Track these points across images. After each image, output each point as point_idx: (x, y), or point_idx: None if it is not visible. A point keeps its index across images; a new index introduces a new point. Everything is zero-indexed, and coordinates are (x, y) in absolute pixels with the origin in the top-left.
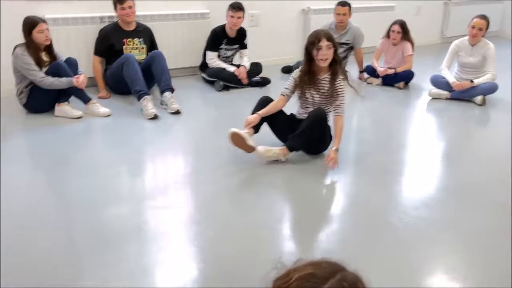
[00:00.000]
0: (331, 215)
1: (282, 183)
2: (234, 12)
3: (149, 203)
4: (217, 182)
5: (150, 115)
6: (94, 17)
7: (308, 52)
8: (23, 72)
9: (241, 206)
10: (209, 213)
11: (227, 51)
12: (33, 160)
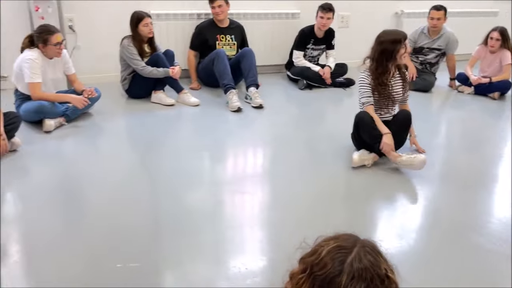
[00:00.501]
0: (411, 229)
1: (361, 187)
2: (324, 13)
3: (227, 187)
4: (292, 174)
5: (234, 107)
6: (192, 13)
7: (389, 52)
8: (127, 61)
9: (319, 201)
10: (284, 202)
11: (313, 51)
12: (129, 139)
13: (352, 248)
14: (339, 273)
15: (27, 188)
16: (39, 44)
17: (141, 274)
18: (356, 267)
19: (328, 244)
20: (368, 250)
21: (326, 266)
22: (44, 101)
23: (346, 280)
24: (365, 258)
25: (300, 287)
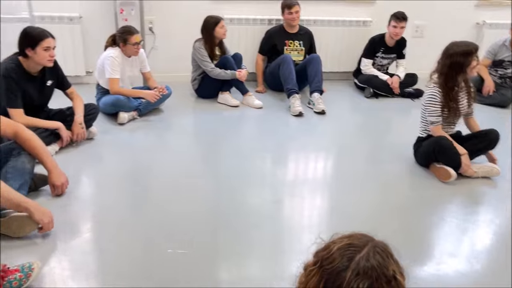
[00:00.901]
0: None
1: (426, 199)
2: (397, 22)
3: (284, 189)
4: (350, 182)
5: (295, 112)
6: (263, 19)
7: (460, 65)
8: (198, 62)
9: (379, 211)
10: (342, 209)
11: (382, 60)
12: (194, 135)
13: (362, 247)
14: (345, 268)
15: (99, 172)
16: (120, 43)
17: (188, 261)
18: (363, 265)
19: (341, 241)
20: (378, 251)
21: (335, 261)
22: (120, 95)
23: (351, 276)
24: (373, 258)
25: (311, 279)
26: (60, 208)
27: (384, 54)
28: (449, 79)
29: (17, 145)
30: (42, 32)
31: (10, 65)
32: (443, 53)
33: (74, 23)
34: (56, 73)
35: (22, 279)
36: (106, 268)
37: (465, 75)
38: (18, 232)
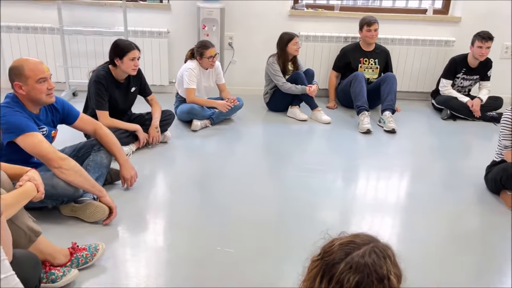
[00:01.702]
0: None
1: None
2: (483, 42)
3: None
4: (418, 206)
5: (363, 129)
6: (340, 36)
7: None
8: (271, 77)
9: (449, 240)
10: (405, 233)
11: (464, 81)
12: (261, 145)
13: (362, 246)
14: (340, 261)
15: (169, 173)
16: (197, 57)
17: (235, 259)
18: (357, 260)
19: (344, 238)
20: (376, 251)
21: (334, 253)
22: (195, 104)
23: (344, 268)
24: (368, 256)
25: (312, 270)
26: (128, 201)
27: (465, 75)
28: None
29: (98, 142)
30: (129, 44)
31: (101, 72)
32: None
33: (162, 37)
34: (139, 81)
35: (88, 257)
36: (160, 258)
37: None
38: (91, 217)
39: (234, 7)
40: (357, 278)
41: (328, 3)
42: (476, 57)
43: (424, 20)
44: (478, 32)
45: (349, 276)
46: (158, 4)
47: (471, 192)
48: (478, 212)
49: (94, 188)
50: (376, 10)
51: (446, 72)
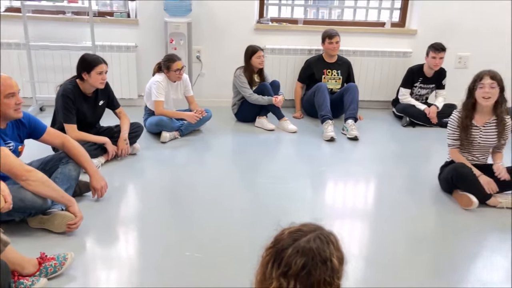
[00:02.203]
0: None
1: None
2: (436, 53)
3: (321, 218)
4: (378, 208)
5: (327, 137)
6: (304, 49)
7: (470, 90)
8: (238, 88)
9: (410, 241)
10: (367, 234)
11: (421, 90)
12: (230, 155)
13: (308, 233)
14: (288, 247)
15: (139, 184)
16: (164, 70)
17: (204, 264)
18: (303, 245)
19: (293, 227)
20: (321, 237)
21: (283, 241)
22: (164, 116)
23: (291, 252)
24: (314, 242)
25: (266, 257)
26: (98, 212)
27: (422, 84)
28: (467, 106)
29: (66, 155)
30: (96, 58)
31: (68, 86)
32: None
33: (130, 51)
34: (107, 94)
35: (57, 267)
36: (130, 266)
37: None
38: (60, 227)
39: (201, 21)
40: (303, 261)
41: (292, 17)
42: (431, 67)
43: (382, 33)
44: (432, 44)
45: (296, 259)
46: (125, 19)
47: (428, 193)
48: (434, 212)
49: (63, 198)
50: (337, 23)
51: (404, 82)
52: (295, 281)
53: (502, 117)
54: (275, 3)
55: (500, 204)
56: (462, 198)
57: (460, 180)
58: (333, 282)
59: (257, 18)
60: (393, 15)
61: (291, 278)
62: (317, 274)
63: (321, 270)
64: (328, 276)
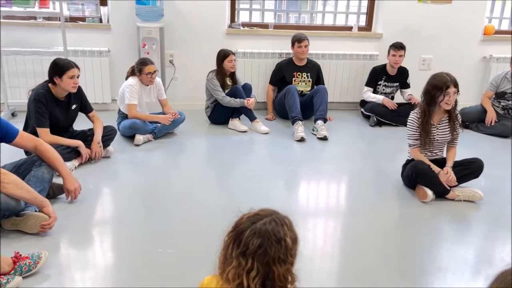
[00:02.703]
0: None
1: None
2: (395, 51)
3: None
4: (344, 204)
5: (298, 137)
6: (275, 52)
7: (431, 96)
8: (211, 91)
9: (375, 234)
10: (334, 227)
11: (385, 88)
12: (203, 156)
13: (265, 217)
14: (246, 229)
15: (112, 186)
16: (137, 74)
17: (175, 260)
18: (259, 228)
19: (251, 213)
20: (276, 220)
21: (242, 224)
22: (137, 119)
23: (249, 234)
24: (269, 224)
25: (227, 240)
26: (72, 213)
27: (386, 82)
28: (426, 107)
29: (39, 158)
30: (68, 62)
31: (40, 90)
32: (428, 80)
33: (103, 56)
34: (80, 98)
35: (31, 265)
36: (103, 264)
37: (435, 107)
38: (33, 228)
39: (173, 26)
40: (259, 241)
41: (262, 22)
42: (392, 64)
43: (350, 36)
44: (392, 43)
45: (253, 240)
46: (98, 24)
47: (392, 189)
48: (398, 205)
49: (37, 199)
50: (307, 28)
51: (368, 80)
52: (253, 259)
53: (454, 114)
54: (246, 8)
55: (458, 198)
56: (420, 191)
57: (420, 177)
58: (287, 259)
59: (229, 22)
60: (360, 19)
61: (249, 256)
62: (272, 252)
63: (276, 249)
64: (282, 254)
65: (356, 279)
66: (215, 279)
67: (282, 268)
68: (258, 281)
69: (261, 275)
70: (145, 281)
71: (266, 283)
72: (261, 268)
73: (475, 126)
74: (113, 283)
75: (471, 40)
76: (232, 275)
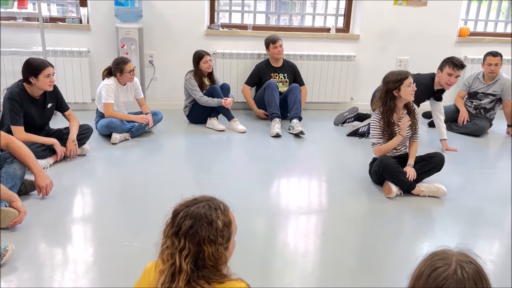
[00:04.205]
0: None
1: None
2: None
3: (268, 211)
4: (314, 199)
5: (273, 133)
6: (253, 53)
7: (391, 92)
8: (189, 91)
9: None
10: (304, 218)
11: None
12: (181, 155)
13: (200, 202)
14: (180, 211)
15: (87, 183)
16: (117, 73)
17: (141, 252)
18: (192, 210)
19: (190, 198)
20: (210, 204)
21: (178, 210)
22: (114, 118)
23: (182, 215)
24: (202, 208)
25: (167, 225)
26: (43, 209)
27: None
28: (385, 104)
29: (11, 155)
30: (42, 62)
31: (15, 89)
32: (382, 81)
33: (83, 57)
34: (56, 97)
35: None
36: (70, 256)
37: (399, 100)
38: (2, 222)
39: (153, 27)
40: (191, 223)
41: (242, 23)
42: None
43: (328, 38)
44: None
45: (186, 221)
46: (77, 25)
47: (360, 185)
48: (365, 201)
49: (5, 194)
50: (285, 29)
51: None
52: (185, 239)
53: (411, 108)
54: (226, 9)
55: (422, 193)
56: (385, 187)
57: (385, 172)
58: (217, 240)
59: (208, 23)
60: (338, 21)
61: (181, 236)
62: (202, 233)
63: (206, 230)
64: (212, 235)
65: (322, 276)
66: (155, 263)
67: (212, 248)
68: (190, 259)
69: (193, 254)
70: (109, 273)
71: (198, 263)
72: (192, 248)
73: (448, 125)
74: (79, 276)
75: (446, 41)
76: (167, 255)
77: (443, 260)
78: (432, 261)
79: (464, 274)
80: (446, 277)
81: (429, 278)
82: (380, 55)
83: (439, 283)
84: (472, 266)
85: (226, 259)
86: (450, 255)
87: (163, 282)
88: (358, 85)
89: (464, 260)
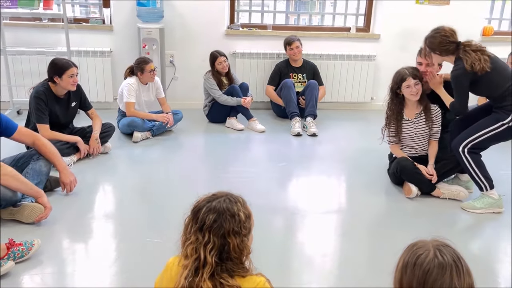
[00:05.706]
0: None
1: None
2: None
3: (288, 209)
4: (346, 204)
5: (294, 132)
6: (273, 53)
7: (394, 91)
8: (208, 91)
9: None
10: (324, 218)
11: None
12: (200, 153)
13: (220, 197)
14: (202, 207)
15: (109, 180)
16: (138, 72)
17: (162, 248)
18: (214, 205)
19: (208, 194)
20: (230, 199)
21: (199, 206)
22: (135, 117)
23: (205, 211)
24: (224, 202)
25: (187, 221)
26: (67, 205)
27: None
28: (393, 105)
29: (37, 152)
30: (66, 62)
31: (40, 88)
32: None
33: (106, 56)
34: (79, 96)
35: (24, 251)
36: (94, 252)
37: (401, 102)
38: (29, 217)
39: (173, 27)
40: (214, 217)
41: (262, 23)
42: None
43: (348, 37)
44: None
45: (209, 215)
46: (100, 26)
47: (381, 185)
48: (384, 201)
49: (32, 190)
50: (305, 28)
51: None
52: (209, 233)
53: (428, 106)
54: (246, 9)
55: (443, 195)
56: (405, 187)
57: (403, 173)
58: (241, 231)
59: (228, 23)
60: (359, 20)
61: (206, 231)
62: (227, 226)
63: (230, 222)
64: (236, 227)
65: (341, 275)
66: (178, 258)
67: (236, 239)
68: (214, 252)
69: (217, 247)
70: (134, 270)
71: (222, 256)
72: (217, 241)
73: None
74: (101, 271)
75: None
76: (190, 250)
77: (422, 248)
78: (413, 250)
79: (444, 256)
80: (429, 262)
81: (415, 266)
82: (401, 55)
83: (425, 269)
84: (448, 248)
85: (249, 251)
86: (427, 242)
87: (186, 276)
88: (378, 85)
89: (440, 244)
